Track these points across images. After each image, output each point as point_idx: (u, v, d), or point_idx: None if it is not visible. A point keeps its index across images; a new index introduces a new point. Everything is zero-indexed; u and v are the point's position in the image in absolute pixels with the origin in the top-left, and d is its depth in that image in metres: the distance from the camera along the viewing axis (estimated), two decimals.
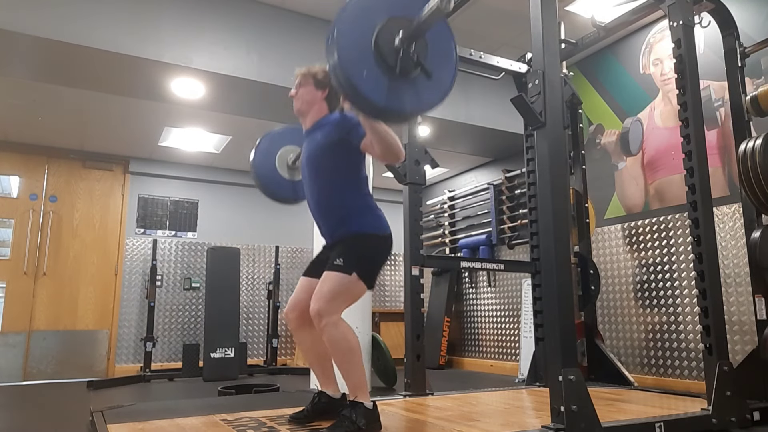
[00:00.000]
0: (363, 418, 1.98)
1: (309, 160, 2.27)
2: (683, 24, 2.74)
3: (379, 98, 1.77)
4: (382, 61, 1.79)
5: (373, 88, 1.76)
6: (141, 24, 3.43)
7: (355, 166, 2.23)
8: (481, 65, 3.63)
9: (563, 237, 2.12)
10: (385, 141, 2.00)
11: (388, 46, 1.80)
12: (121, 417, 2.41)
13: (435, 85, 1.91)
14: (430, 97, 1.91)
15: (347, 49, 1.74)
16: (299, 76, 2.37)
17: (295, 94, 2.37)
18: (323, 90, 2.33)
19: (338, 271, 2.07)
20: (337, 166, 2.20)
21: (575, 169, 3.96)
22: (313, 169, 2.25)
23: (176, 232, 5.98)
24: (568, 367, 1.98)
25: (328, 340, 2.02)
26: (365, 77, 1.75)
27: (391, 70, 1.80)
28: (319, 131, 2.26)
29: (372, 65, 1.77)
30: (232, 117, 4.62)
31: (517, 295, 5.33)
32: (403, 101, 1.83)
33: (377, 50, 1.79)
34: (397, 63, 1.80)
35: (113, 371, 5.40)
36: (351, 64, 1.73)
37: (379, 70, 1.78)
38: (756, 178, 2.72)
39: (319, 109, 2.33)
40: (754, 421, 2.46)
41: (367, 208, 2.22)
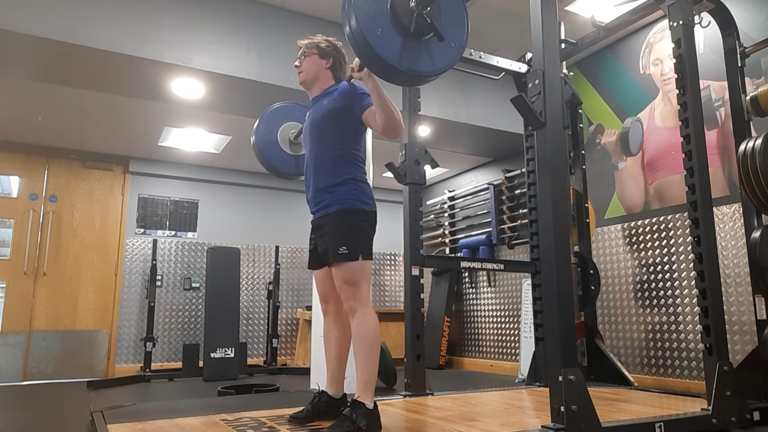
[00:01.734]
0: (363, 419, 1.98)
1: (312, 123, 2.32)
2: (683, 24, 2.74)
3: (393, 57, 1.83)
4: (398, 22, 1.86)
5: (388, 47, 1.83)
6: (141, 24, 3.43)
7: (354, 135, 2.28)
8: (481, 65, 3.63)
9: (563, 237, 2.12)
10: (388, 110, 2.08)
11: (403, 8, 1.87)
12: (121, 417, 2.41)
13: (446, 48, 1.97)
14: (442, 59, 1.97)
15: (363, 7, 1.81)
16: (302, 46, 2.40)
17: (300, 65, 2.39)
18: (327, 60, 2.38)
19: (346, 261, 2.12)
20: (338, 132, 2.25)
21: (575, 169, 3.96)
22: (315, 131, 2.30)
23: (176, 232, 5.98)
24: (568, 367, 1.98)
25: (357, 327, 2.10)
26: (380, 36, 1.82)
27: (406, 31, 1.87)
28: (326, 98, 2.31)
29: (387, 25, 1.84)
30: (232, 117, 4.62)
31: (517, 295, 5.33)
32: (416, 61, 1.90)
33: (392, 11, 1.86)
34: (412, 24, 1.86)
35: (113, 371, 5.40)
36: (367, 24, 1.80)
37: (394, 30, 1.85)
38: (756, 178, 2.72)
39: (325, 79, 2.38)
40: (754, 421, 2.46)
41: (358, 177, 2.25)
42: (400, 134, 2.17)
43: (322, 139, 2.27)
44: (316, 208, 2.27)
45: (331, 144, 2.25)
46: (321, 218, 2.24)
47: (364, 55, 1.86)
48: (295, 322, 6.36)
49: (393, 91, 2.47)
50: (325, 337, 2.37)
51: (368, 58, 1.86)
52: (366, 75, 2.08)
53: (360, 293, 2.12)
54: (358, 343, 2.09)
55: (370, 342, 2.08)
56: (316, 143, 2.29)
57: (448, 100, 4.54)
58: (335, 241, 2.15)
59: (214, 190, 6.23)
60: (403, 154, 3.22)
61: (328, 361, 2.35)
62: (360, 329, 2.10)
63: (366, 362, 2.07)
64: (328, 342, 2.36)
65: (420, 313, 3.10)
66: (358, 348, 2.10)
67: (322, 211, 2.23)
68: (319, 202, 2.24)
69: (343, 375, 2.34)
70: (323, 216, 2.23)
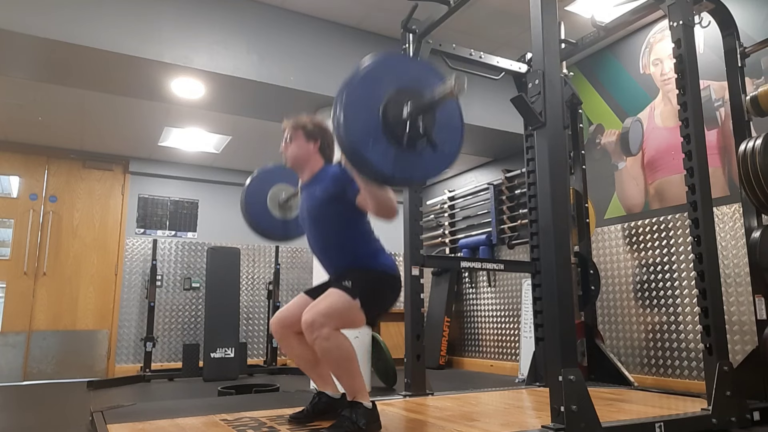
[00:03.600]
0: (363, 418, 1.98)
1: (309, 214, 2.24)
2: (683, 24, 2.74)
3: (386, 168, 1.77)
4: (389, 133, 1.78)
5: (380, 159, 1.76)
6: (141, 24, 3.43)
7: (356, 217, 2.18)
8: (481, 65, 3.63)
9: (563, 237, 2.12)
10: (379, 201, 1.96)
11: (395, 117, 1.80)
12: (121, 417, 2.41)
13: (440, 155, 1.90)
14: (436, 166, 1.91)
15: (355, 120, 1.74)
16: (287, 129, 2.30)
17: (286, 149, 2.30)
18: (315, 141, 2.28)
19: (343, 291, 2.03)
20: (337, 218, 2.17)
21: (575, 169, 3.96)
22: (314, 222, 2.22)
23: (176, 232, 5.98)
24: (568, 367, 1.98)
25: (319, 352, 1.97)
26: (372, 148, 1.74)
27: (398, 141, 1.79)
28: (317, 186, 2.21)
29: (379, 135, 1.77)
30: (232, 117, 4.62)
31: (517, 295, 5.33)
32: (408, 171, 1.83)
33: (384, 122, 1.78)
34: (405, 135, 1.79)
35: (113, 371, 5.40)
36: (358, 135, 1.73)
37: (386, 141, 1.78)
38: (756, 178, 2.72)
39: (314, 162, 2.29)
40: (754, 421, 2.45)
41: (373, 251, 2.19)
42: (394, 217, 2.02)
43: (325, 227, 2.20)
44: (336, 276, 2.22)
45: (334, 231, 2.18)
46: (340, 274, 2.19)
47: (355, 165, 1.79)
48: None
49: None
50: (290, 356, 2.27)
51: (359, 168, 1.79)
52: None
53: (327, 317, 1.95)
54: (330, 364, 2.03)
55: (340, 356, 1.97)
56: (319, 233, 2.22)
57: None
58: (344, 277, 2.10)
59: (214, 190, 6.23)
60: None
61: (307, 373, 2.30)
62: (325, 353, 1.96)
63: (345, 376, 2.02)
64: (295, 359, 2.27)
65: (420, 313, 3.11)
66: (333, 368, 2.04)
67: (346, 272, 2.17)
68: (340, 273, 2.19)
69: (330, 377, 2.28)
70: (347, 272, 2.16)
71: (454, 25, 3.77)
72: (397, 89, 1.83)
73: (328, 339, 1.94)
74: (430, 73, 1.94)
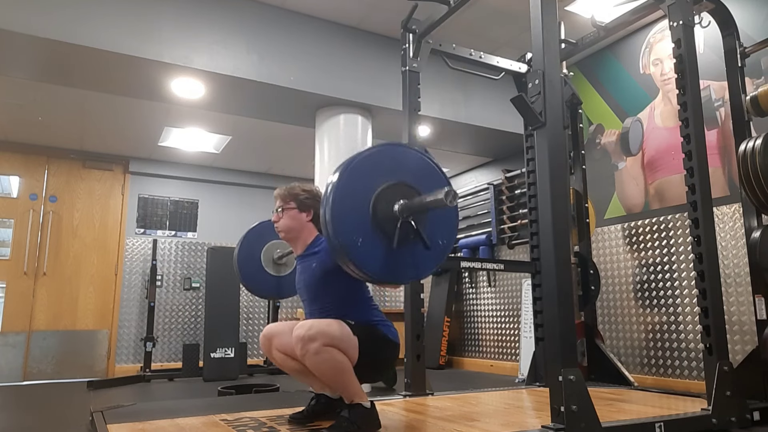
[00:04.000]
0: (362, 418, 1.98)
1: (307, 287, 2.20)
2: (683, 24, 2.74)
3: (374, 269, 1.71)
4: (379, 229, 1.72)
5: (368, 259, 1.69)
6: (141, 24, 3.43)
7: (355, 287, 2.14)
8: (481, 65, 3.63)
9: (563, 237, 2.11)
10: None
11: (385, 213, 1.73)
12: (121, 417, 2.41)
13: (433, 253, 1.83)
14: (427, 265, 1.85)
15: (343, 215, 1.68)
16: (278, 199, 2.25)
17: (278, 220, 2.24)
18: (308, 212, 2.23)
19: (344, 323, 1.99)
20: (336, 289, 2.12)
21: (575, 169, 3.96)
22: (312, 295, 2.19)
23: (176, 232, 5.98)
24: (568, 367, 1.97)
25: (311, 366, 1.93)
26: (360, 246, 1.68)
27: (388, 239, 1.72)
28: (313, 258, 2.18)
29: (368, 233, 1.70)
30: (232, 117, 4.62)
31: (517, 295, 5.33)
32: (398, 272, 1.77)
33: (374, 217, 1.71)
34: (396, 234, 1.72)
35: (113, 371, 5.40)
36: (346, 232, 1.67)
37: (376, 239, 1.71)
38: (756, 178, 2.72)
39: (308, 233, 2.24)
40: (754, 421, 2.45)
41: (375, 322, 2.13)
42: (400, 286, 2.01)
43: (324, 300, 2.15)
44: None
45: (334, 305, 2.12)
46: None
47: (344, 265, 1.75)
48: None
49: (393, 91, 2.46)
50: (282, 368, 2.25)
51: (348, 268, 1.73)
52: None
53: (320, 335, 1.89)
54: (323, 376, 1.98)
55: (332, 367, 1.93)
56: (318, 307, 2.16)
57: (448, 100, 4.54)
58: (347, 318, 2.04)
59: (214, 190, 6.23)
60: None
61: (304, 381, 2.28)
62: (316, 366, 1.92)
63: (340, 385, 1.99)
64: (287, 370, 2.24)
65: (420, 313, 3.11)
66: (327, 379, 2.01)
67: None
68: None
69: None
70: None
71: (454, 25, 3.76)
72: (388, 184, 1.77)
73: (318, 353, 1.89)
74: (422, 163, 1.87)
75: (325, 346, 1.90)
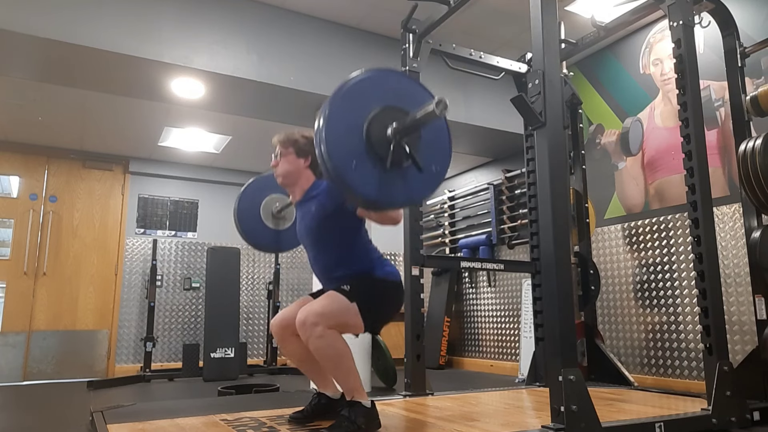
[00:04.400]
0: (362, 418, 1.98)
1: (308, 232, 2.21)
2: (683, 24, 2.74)
3: (369, 192, 1.72)
4: (373, 153, 1.73)
5: (363, 182, 1.70)
6: (141, 24, 3.43)
7: (354, 227, 2.17)
8: (481, 65, 3.63)
9: (563, 237, 2.12)
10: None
11: (379, 137, 1.74)
12: (121, 417, 2.41)
13: (427, 177, 1.84)
14: (422, 189, 1.85)
15: (337, 139, 1.68)
16: (278, 144, 2.26)
17: (277, 165, 2.26)
18: (306, 158, 2.24)
19: (340, 294, 2.03)
20: (337, 233, 2.15)
21: (575, 169, 3.96)
22: (313, 239, 2.20)
23: (176, 232, 5.98)
24: (568, 367, 1.98)
25: (314, 351, 1.97)
26: (354, 170, 1.68)
27: (382, 162, 1.73)
28: (312, 202, 2.20)
29: (362, 157, 1.71)
30: (232, 117, 4.62)
31: (517, 295, 5.33)
32: (393, 195, 1.77)
33: (368, 141, 1.73)
34: (389, 156, 1.73)
35: (113, 371, 5.40)
36: (340, 156, 1.67)
37: (369, 163, 1.72)
38: (756, 178, 2.72)
39: (306, 179, 2.25)
40: (754, 421, 2.46)
41: (376, 262, 2.17)
42: (399, 222, 2.03)
43: (324, 244, 2.18)
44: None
45: (335, 245, 2.16)
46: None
47: (339, 189, 1.77)
48: None
49: None
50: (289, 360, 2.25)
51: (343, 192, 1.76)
52: None
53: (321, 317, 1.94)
54: (325, 363, 2.02)
55: (335, 354, 1.97)
56: (319, 250, 2.20)
57: (448, 100, 4.52)
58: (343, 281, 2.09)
59: (214, 190, 6.23)
60: None
61: (308, 375, 2.30)
62: (319, 351, 1.96)
63: (341, 374, 2.01)
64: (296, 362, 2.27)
65: (420, 313, 3.11)
66: (327, 367, 2.04)
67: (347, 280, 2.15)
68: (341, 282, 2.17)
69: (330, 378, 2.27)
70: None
71: (454, 25, 3.76)
72: (381, 107, 1.78)
73: (322, 337, 1.93)
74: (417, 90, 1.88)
75: (329, 329, 1.94)
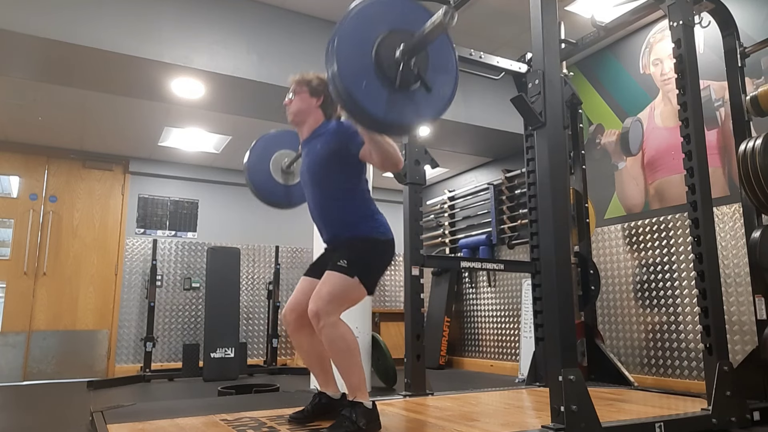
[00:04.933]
0: (363, 418, 1.98)
1: (309, 169, 2.25)
2: (683, 24, 2.74)
3: (378, 111, 1.76)
4: (382, 74, 1.77)
5: (372, 101, 1.74)
6: (141, 24, 3.43)
7: (355, 173, 2.23)
8: (481, 65, 3.63)
9: (563, 237, 2.12)
10: (383, 150, 1.99)
11: (388, 59, 1.79)
12: (121, 417, 2.41)
13: (435, 98, 1.88)
14: (430, 110, 1.88)
15: (347, 59, 1.73)
16: (293, 83, 2.33)
17: (290, 103, 2.33)
18: (318, 98, 2.30)
19: (340, 272, 2.07)
20: (338, 174, 2.20)
21: (575, 169, 3.96)
22: (314, 178, 2.24)
23: (176, 232, 5.98)
24: (568, 367, 1.98)
25: (325, 340, 2.02)
26: (364, 89, 1.73)
27: (391, 83, 1.78)
28: (318, 140, 2.24)
29: (372, 77, 1.76)
30: (232, 117, 4.62)
31: (517, 295, 5.33)
32: (401, 114, 1.81)
33: (377, 62, 1.77)
34: (397, 76, 1.78)
35: (113, 371, 5.40)
36: (350, 75, 1.72)
37: (379, 83, 1.77)
38: (756, 178, 2.72)
39: (315, 118, 2.31)
40: (754, 421, 2.46)
41: (370, 213, 2.22)
42: (400, 168, 2.08)
43: (324, 185, 2.22)
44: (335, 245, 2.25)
45: (335, 188, 2.20)
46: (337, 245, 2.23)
47: (348, 110, 1.79)
48: None
49: None
50: (297, 351, 2.30)
51: (351, 110, 1.78)
52: None
53: (331, 304, 2.02)
54: (334, 354, 2.05)
55: (344, 347, 2.01)
56: (319, 191, 2.24)
57: None
58: (339, 254, 2.13)
59: (214, 190, 6.23)
60: (403, 154, 3.22)
61: (312, 370, 2.32)
62: (330, 341, 2.01)
63: (347, 367, 2.03)
64: (303, 354, 2.30)
65: (420, 313, 3.11)
66: (334, 358, 2.06)
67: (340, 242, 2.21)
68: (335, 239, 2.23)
69: (333, 377, 2.30)
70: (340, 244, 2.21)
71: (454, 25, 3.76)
72: (389, 30, 1.82)
73: (335, 326, 2.01)
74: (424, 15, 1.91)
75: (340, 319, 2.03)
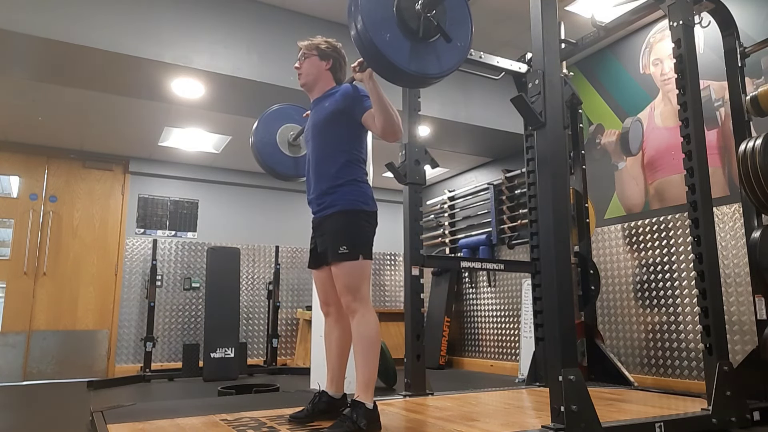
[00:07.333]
0: (363, 418, 1.98)
1: (314, 125, 2.33)
2: (683, 24, 2.74)
3: (402, 61, 1.85)
4: (404, 26, 1.88)
5: (397, 52, 1.85)
6: (141, 24, 3.43)
7: (356, 137, 2.28)
8: (481, 65, 3.63)
9: (563, 237, 2.12)
10: (387, 113, 2.09)
11: (409, 11, 1.89)
12: (121, 417, 2.41)
13: (453, 48, 1.99)
14: (449, 60, 1.98)
15: (370, 14, 1.83)
16: (302, 48, 2.41)
17: (300, 67, 2.39)
18: (327, 61, 2.39)
19: (347, 260, 2.13)
20: (340, 133, 2.26)
21: (575, 169, 3.96)
22: (317, 133, 2.31)
23: (176, 232, 5.98)
24: (568, 367, 1.98)
25: (357, 327, 2.11)
26: (388, 41, 1.83)
27: (413, 34, 1.89)
28: (327, 100, 2.32)
29: (395, 29, 1.86)
30: (232, 117, 4.62)
31: (517, 295, 5.33)
32: (424, 64, 1.91)
33: (399, 15, 1.88)
34: (420, 27, 1.88)
35: (113, 371, 5.40)
36: (375, 29, 1.82)
37: (401, 34, 1.87)
38: (756, 178, 2.72)
39: (325, 81, 2.39)
40: (754, 421, 2.46)
41: (360, 179, 2.26)
42: (399, 137, 2.18)
43: (324, 141, 2.28)
44: (317, 209, 2.28)
45: (333, 146, 2.26)
46: (322, 218, 2.26)
47: (373, 59, 1.88)
48: (295, 322, 6.36)
49: (392, 92, 2.47)
50: (326, 337, 2.39)
51: (377, 61, 1.87)
52: (367, 76, 2.10)
53: (360, 294, 2.13)
54: (358, 342, 2.10)
55: (369, 341, 2.09)
56: (318, 145, 2.30)
57: (448, 100, 4.54)
58: (335, 241, 2.16)
59: (214, 190, 6.23)
60: (403, 154, 3.22)
61: (329, 361, 2.36)
62: (360, 329, 2.10)
63: (366, 362, 2.08)
64: (329, 342, 2.37)
65: (420, 313, 3.10)
66: (358, 348, 2.10)
67: (324, 211, 2.24)
68: (321, 203, 2.25)
69: (343, 375, 2.36)
70: (324, 216, 2.24)
71: None
72: None
73: (368, 316, 2.13)
74: None
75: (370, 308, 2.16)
